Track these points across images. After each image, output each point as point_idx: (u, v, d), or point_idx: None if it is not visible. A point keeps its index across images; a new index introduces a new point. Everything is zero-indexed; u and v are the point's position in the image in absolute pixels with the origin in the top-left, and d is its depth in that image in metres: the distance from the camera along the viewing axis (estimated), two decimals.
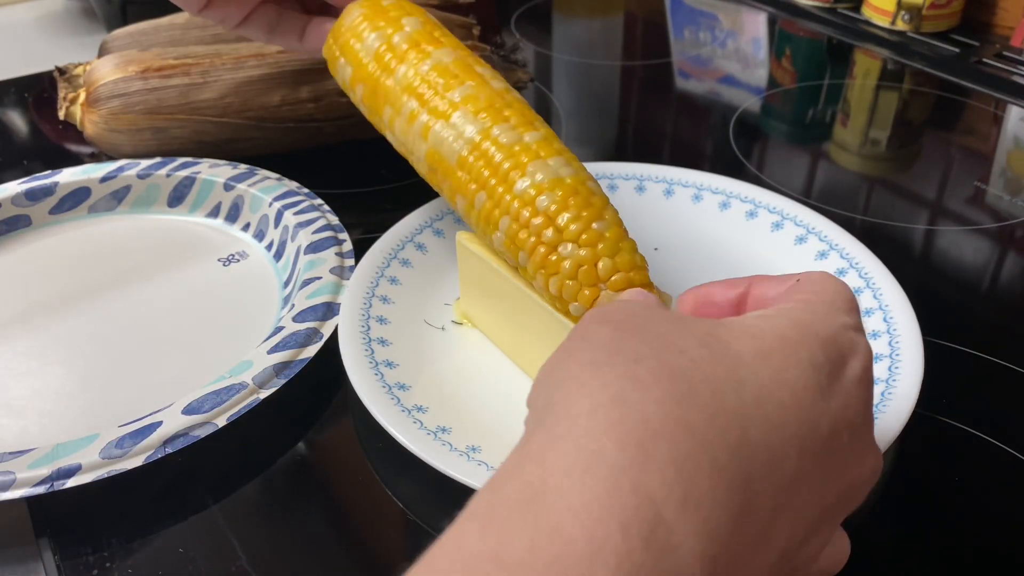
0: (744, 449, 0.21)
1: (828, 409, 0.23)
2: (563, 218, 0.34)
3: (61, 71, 0.59)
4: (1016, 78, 0.69)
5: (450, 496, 0.35)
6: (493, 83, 0.40)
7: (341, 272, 0.45)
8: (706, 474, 0.20)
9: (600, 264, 0.33)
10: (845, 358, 0.24)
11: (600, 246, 0.33)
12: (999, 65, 0.71)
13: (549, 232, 0.34)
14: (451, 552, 0.19)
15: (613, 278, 0.33)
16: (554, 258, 0.34)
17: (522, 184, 0.35)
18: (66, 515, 0.35)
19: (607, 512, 0.19)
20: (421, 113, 0.39)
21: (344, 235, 0.48)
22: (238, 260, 0.50)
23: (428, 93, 0.39)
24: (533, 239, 0.35)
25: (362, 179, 0.57)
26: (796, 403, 0.23)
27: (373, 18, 0.43)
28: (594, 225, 0.34)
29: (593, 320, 0.25)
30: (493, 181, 0.36)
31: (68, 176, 0.53)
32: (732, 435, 0.21)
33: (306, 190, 0.52)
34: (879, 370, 0.37)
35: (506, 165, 0.36)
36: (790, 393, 0.23)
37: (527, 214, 0.35)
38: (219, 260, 0.50)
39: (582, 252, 0.33)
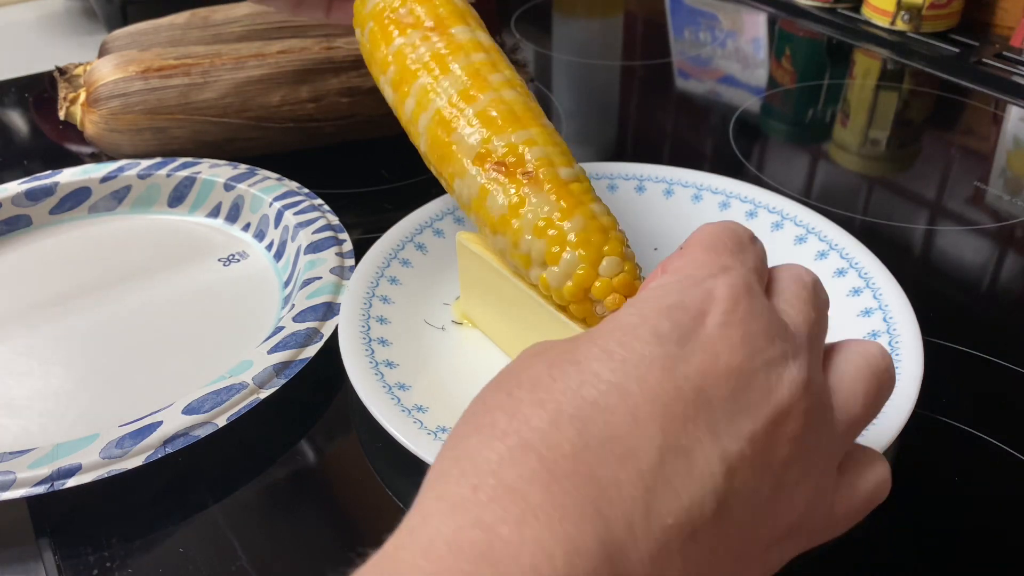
0: (583, 452, 0.21)
1: (687, 370, 0.23)
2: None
3: (61, 71, 0.59)
4: (1016, 78, 0.69)
5: None
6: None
7: (341, 272, 0.45)
8: (540, 488, 0.20)
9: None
10: (702, 313, 0.24)
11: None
12: (999, 65, 0.71)
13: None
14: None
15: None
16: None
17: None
18: (66, 515, 0.35)
19: (447, 550, 0.20)
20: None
21: (344, 235, 0.48)
22: (238, 260, 0.50)
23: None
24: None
25: (362, 179, 0.57)
26: (643, 384, 0.22)
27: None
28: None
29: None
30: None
31: (68, 176, 0.53)
32: (566, 443, 0.21)
33: (306, 190, 0.52)
34: None
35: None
36: (635, 379, 0.22)
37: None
38: (219, 260, 0.50)
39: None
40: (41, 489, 0.34)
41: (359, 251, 0.46)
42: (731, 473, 0.22)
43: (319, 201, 0.51)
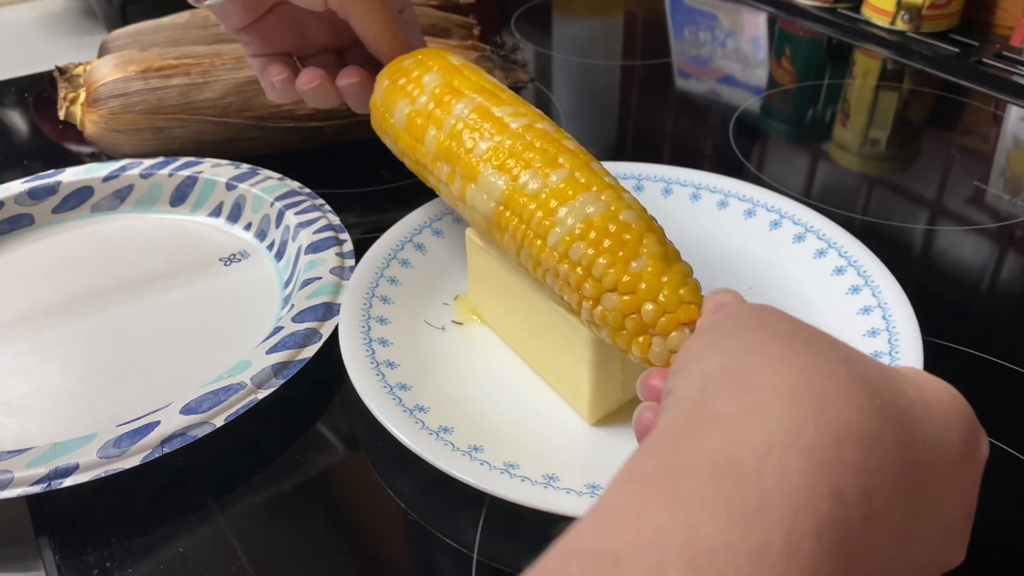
0: (912, 484, 0.21)
1: (960, 483, 0.23)
2: (598, 268, 0.32)
3: (61, 71, 0.59)
4: (1016, 78, 0.69)
5: (451, 496, 0.35)
6: (511, 124, 0.37)
7: (341, 272, 0.45)
8: (885, 496, 0.20)
9: (643, 309, 0.31)
10: (978, 443, 0.24)
11: (642, 286, 0.31)
12: (999, 65, 0.71)
13: (588, 285, 0.32)
14: (630, 522, 0.18)
15: (660, 322, 0.30)
16: (600, 310, 0.32)
17: (553, 238, 0.33)
18: (66, 514, 0.35)
19: (807, 508, 0.18)
20: (455, 177, 0.38)
21: (345, 235, 0.48)
22: (239, 260, 0.50)
23: (458, 152, 0.38)
24: (576, 296, 0.33)
25: (362, 179, 0.57)
26: (947, 464, 0.22)
27: (395, 87, 0.42)
28: (632, 265, 0.31)
29: (753, 310, 0.24)
30: (531, 234, 0.34)
31: (71, 175, 0.53)
32: (907, 465, 0.20)
33: (307, 190, 0.52)
34: None
35: (538, 215, 0.34)
36: (945, 452, 0.22)
37: (565, 268, 0.33)
38: (220, 260, 0.50)
39: (625, 298, 0.31)
40: (38, 488, 0.34)
41: (359, 251, 0.46)
42: None
43: (320, 201, 0.51)
